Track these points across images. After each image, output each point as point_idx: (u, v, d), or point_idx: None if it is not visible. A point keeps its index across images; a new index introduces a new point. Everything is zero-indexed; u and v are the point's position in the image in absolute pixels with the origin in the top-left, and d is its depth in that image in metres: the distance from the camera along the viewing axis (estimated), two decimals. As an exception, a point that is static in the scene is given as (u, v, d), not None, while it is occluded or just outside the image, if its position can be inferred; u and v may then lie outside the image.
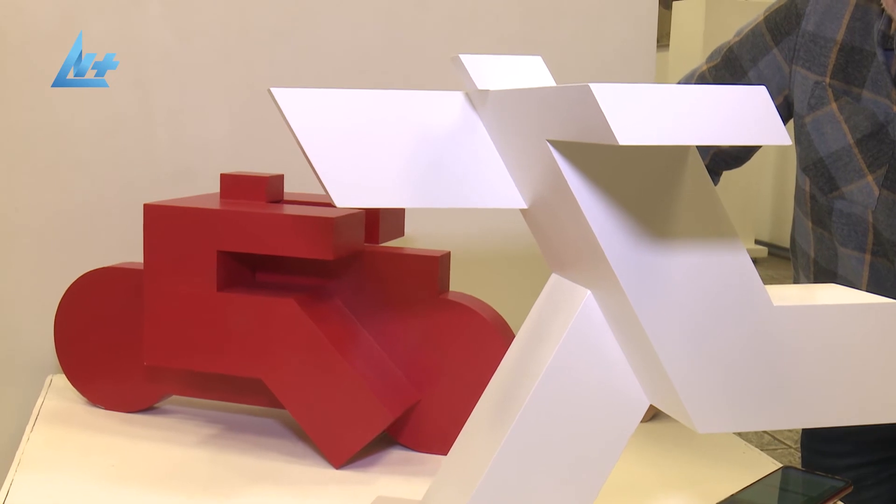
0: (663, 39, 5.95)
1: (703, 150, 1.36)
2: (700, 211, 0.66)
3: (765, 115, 0.53)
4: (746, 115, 0.53)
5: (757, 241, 6.33)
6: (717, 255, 0.66)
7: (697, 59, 5.22)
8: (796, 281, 1.43)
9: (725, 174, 1.49)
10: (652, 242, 0.65)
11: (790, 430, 2.65)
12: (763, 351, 0.69)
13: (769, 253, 6.39)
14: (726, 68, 1.35)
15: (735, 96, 0.53)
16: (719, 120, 0.53)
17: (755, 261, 5.50)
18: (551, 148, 0.63)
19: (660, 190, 0.65)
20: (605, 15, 1.55)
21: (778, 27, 1.30)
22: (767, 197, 6.79)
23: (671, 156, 0.65)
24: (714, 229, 0.66)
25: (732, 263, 0.67)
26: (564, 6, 1.53)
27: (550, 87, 0.61)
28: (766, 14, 1.32)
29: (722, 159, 1.41)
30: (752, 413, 0.71)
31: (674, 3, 5.60)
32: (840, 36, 1.25)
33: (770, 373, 0.70)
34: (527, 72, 0.75)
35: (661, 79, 5.70)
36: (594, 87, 0.51)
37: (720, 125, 0.53)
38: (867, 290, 1.27)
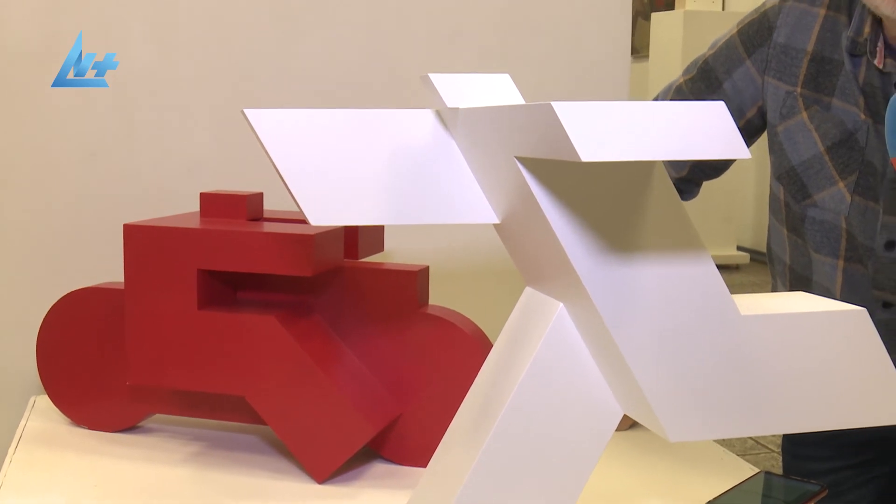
0: (643, 50, 5.98)
1: (682, 162, 1.37)
2: (667, 224, 0.66)
3: (724, 130, 0.53)
4: (706, 130, 0.53)
5: (739, 248, 6.34)
6: (685, 267, 0.67)
7: (676, 69, 5.22)
8: (774, 287, 1.44)
9: (707, 181, 1.49)
10: (620, 256, 0.66)
11: (772, 435, 2.67)
12: (732, 360, 0.70)
13: (751, 259, 6.41)
14: (702, 80, 1.37)
15: (695, 112, 0.53)
16: (679, 135, 0.53)
17: (737, 267, 5.53)
18: (519, 164, 0.64)
19: (627, 204, 0.66)
20: (581, 29, 1.56)
21: (751, 39, 1.32)
22: (749, 204, 6.80)
23: (636, 171, 0.65)
24: (681, 242, 0.67)
25: (700, 275, 0.67)
26: (541, 22, 1.54)
27: (517, 106, 0.62)
28: (740, 27, 1.34)
29: (701, 170, 1.42)
30: (723, 421, 0.71)
31: (653, 14, 5.63)
32: (810, 46, 1.26)
33: (740, 381, 0.71)
34: (496, 89, 0.76)
35: (640, 89, 5.71)
36: (556, 105, 0.51)
37: (680, 140, 0.53)
38: (841, 295, 1.28)
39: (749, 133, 1.36)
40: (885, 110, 1.02)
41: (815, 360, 0.73)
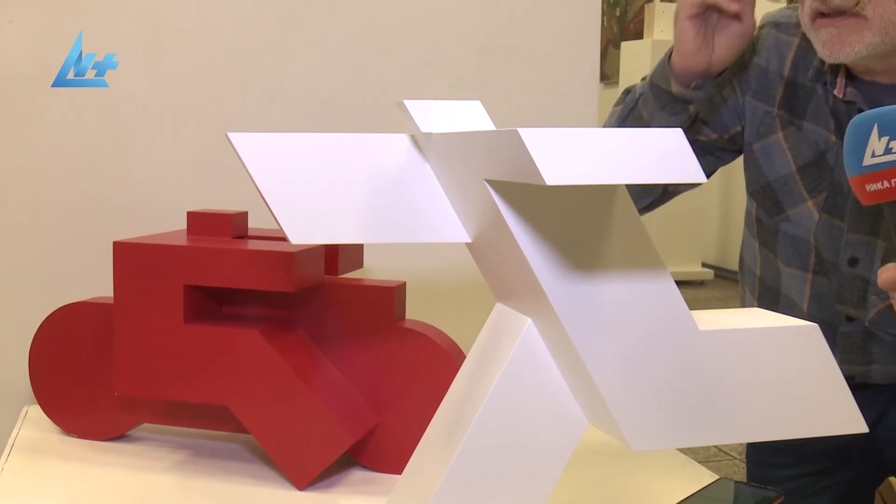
0: (614, 77, 6.01)
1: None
2: (629, 244, 0.67)
3: (681, 155, 0.54)
4: (665, 155, 0.54)
5: (704, 265, 6.37)
6: (646, 284, 0.67)
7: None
8: (743, 298, 1.45)
9: (673, 201, 1.49)
10: (585, 274, 0.66)
11: (735, 443, 2.68)
12: (691, 372, 0.70)
13: (715, 275, 6.43)
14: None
15: (654, 138, 0.54)
16: (640, 160, 0.54)
17: (702, 283, 5.55)
18: (489, 187, 0.64)
19: (591, 225, 0.66)
20: (552, 58, 1.56)
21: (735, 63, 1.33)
22: (713, 222, 6.83)
23: (600, 194, 0.66)
24: (642, 261, 0.67)
25: (660, 292, 0.68)
26: (515, 50, 1.54)
27: (486, 132, 0.62)
28: None
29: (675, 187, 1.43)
30: (683, 430, 0.72)
31: (622, 43, 5.66)
32: (786, 71, 1.28)
33: (698, 392, 0.71)
34: (467, 115, 0.76)
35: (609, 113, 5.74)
36: (522, 131, 0.52)
37: (640, 165, 0.54)
38: (808, 308, 1.29)
39: (731, 150, 1.37)
40: None
41: (771, 372, 0.73)
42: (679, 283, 0.72)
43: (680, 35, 1.19)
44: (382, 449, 1.08)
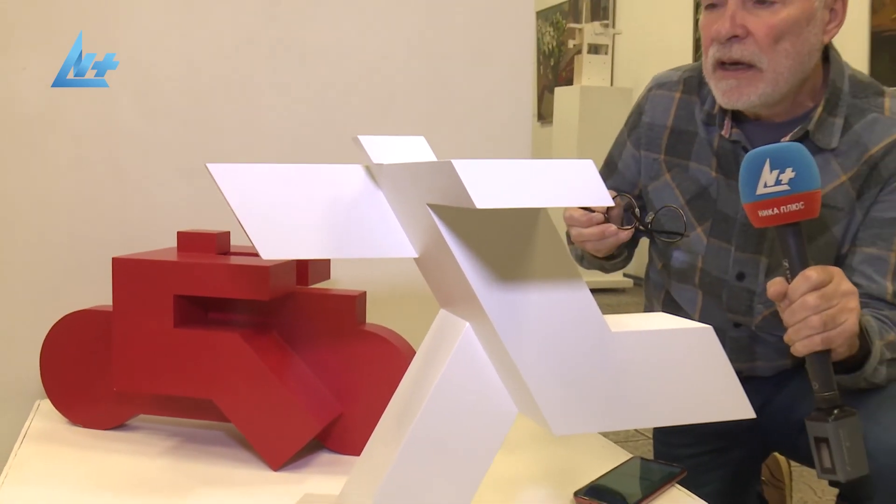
0: (549, 117, 6.05)
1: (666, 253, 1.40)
2: (550, 259, 0.67)
3: (591, 182, 0.54)
4: (577, 182, 0.54)
5: (625, 275, 6.42)
6: (565, 293, 0.67)
7: (574, 132, 5.31)
8: (649, 307, 1.45)
9: None
10: (513, 284, 0.66)
11: (651, 426, 2.69)
12: (604, 367, 0.70)
13: (634, 283, 6.48)
14: (606, 167, 1.40)
15: (568, 168, 0.54)
16: (556, 186, 0.54)
17: (623, 290, 5.59)
18: (430, 210, 0.64)
19: (517, 242, 0.66)
20: (492, 99, 1.57)
21: (629, 127, 1.36)
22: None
23: (525, 216, 0.66)
24: (562, 273, 0.67)
25: (576, 299, 0.68)
26: (459, 94, 1.55)
27: (428, 163, 0.62)
28: (626, 121, 1.38)
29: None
30: (597, 417, 0.72)
31: (556, 88, 5.72)
32: (670, 122, 1.29)
33: (610, 385, 0.71)
34: (413, 149, 0.76)
35: (546, 147, 5.77)
36: (455, 162, 0.52)
37: (556, 190, 0.54)
38: (700, 316, 1.29)
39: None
40: (737, 169, 1.04)
41: (672, 367, 0.74)
42: (604, 290, 0.73)
43: (588, 249, 1.22)
44: (345, 434, 1.07)
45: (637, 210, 1.20)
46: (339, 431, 1.07)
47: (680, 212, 1.26)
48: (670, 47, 4.85)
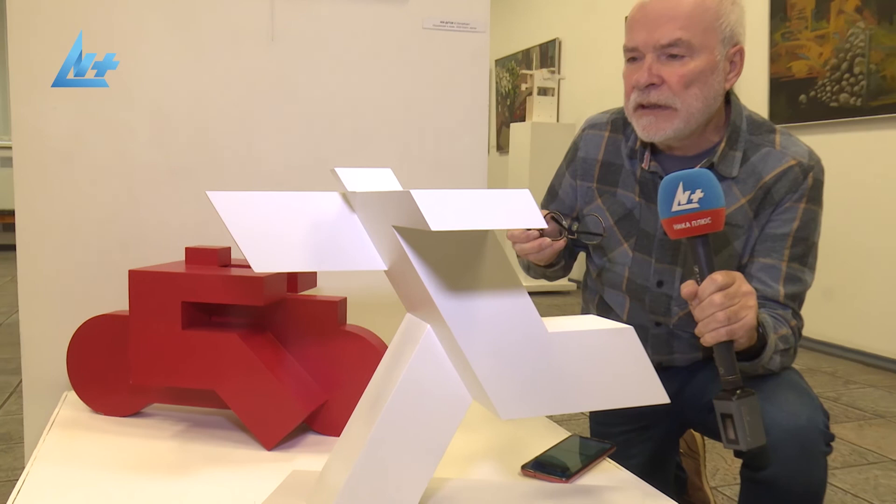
0: (506, 148, 6.07)
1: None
2: (496, 272, 0.67)
3: (527, 208, 0.54)
4: (516, 207, 0.54)
5: (569, 279, 6.45)
6: (509, 300, 0.68)
7: (527, 161, 5.33)
8: (585, 309, 1.45)
9: None
10: (465, 293, 0.66)
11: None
12: (542, 362, 0.71)
13: (577, 287, 6.51)
14: (549, 195, 1.40)
15: (509, 196, 0.54)
16: (498, 211, 0.54)
17: (568, 292, 5.60)
18: (395, 231, 0.64)
19: (469, 258, 0.66)
20: (454, 134, 1.57)
21: (567, 160, 1.36)
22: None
23: (474, 236, 0.66)
24: (506, 283, 0.68)
25: (519, 305, 0.68)
26: (429, 129, 1.55)
27: (393, 192, 0.62)
28: (565, 155, 1.38)
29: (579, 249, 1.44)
30: (537, 403, 0.72)
31: (512, 124, 5.74)
32: (600, 156, 1.30)
33: (549, 376, 0.72)
34: (381, 179, 0.76)
35: (503, 173, 5.78)
36: (413, 192, 0.52)
37: (499, 214, 0.54)
38: (627, 317, 1.30)
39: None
40: (655, 194, 1.05)
41: (599, 361, 0.74)
42: (553, 293, 0.73)
43: (531, 259, 1.22)
44: (329, 418, 1.07)
45: (564, 222, 1.20)
46: (324, 416, 1.07)
47: (599, 218, 1.27)
48: (605, 90, 4.90)
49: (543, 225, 0.54)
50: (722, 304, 0.94)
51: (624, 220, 1.26)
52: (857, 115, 3.32)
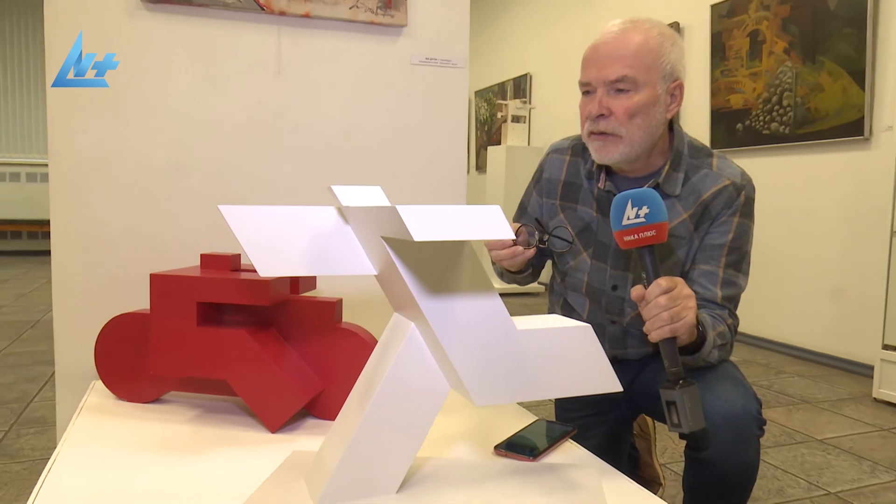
0: (485, 168, 6.08)
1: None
2: (471, 277, 0.67)
3: (497, 221, 0.54)
4: (488, 220, 0.55)
5: (539, 283, 6.46)
6: (482, 301, 0.68)
7: (502, 179, 5.34)
8: (550, 309, 1.45)
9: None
10: (444, 295, 0.66)
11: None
12: (512, 356, 0.71)
13: (545, 289, 6.52)
14: (519, 210, 1.39)
15: (481, 211, 0.55)
16: (473, 224, 0.54)
17: (537, 294, 5.61)
18: (384, 241, 0.64)
19: (448, 264, 0.66)
20: (438, 157, 1.57)
21: (534, 180, 1.35)
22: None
23: (453, 245, 0.66)
24: (480, 287, 0.68)
25: (491, 306, 0.68)
26: (415, 152, 1.55)
27: (382, 207, 0.62)
28: (533, 176, 1.37)
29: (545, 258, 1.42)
30: (508, 391, 0.72)
31: (489, 147, 5.76)
32: (562, 177, 1.30)
33: (518, 367, 0.72)
34: (371, 195, 0.76)
35: (482, 190, 5.78)
36: (399, 207, 0.52)
37: (473, 227, 0.54)
38: (587, 316, 1.29)
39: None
40: (609, 210, 1.05)
41: (562, 354, 0.74)
42: (522, 295, 0.73)
43: (505, 266, 1.21)
44: (326, 404, 1.06)
45: (536, 233, 1.20)
46: (322, 402, 1.06)
47: (568, 228, 1.27)
48: (568, 119, 4.93)
49: (512, 236, 0.54)
50: (666, 306, 0.94)
51: (583, 232, 1.27)
52: (786, 142, 3.36)
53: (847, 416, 2.44)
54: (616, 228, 0.95)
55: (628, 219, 0.94)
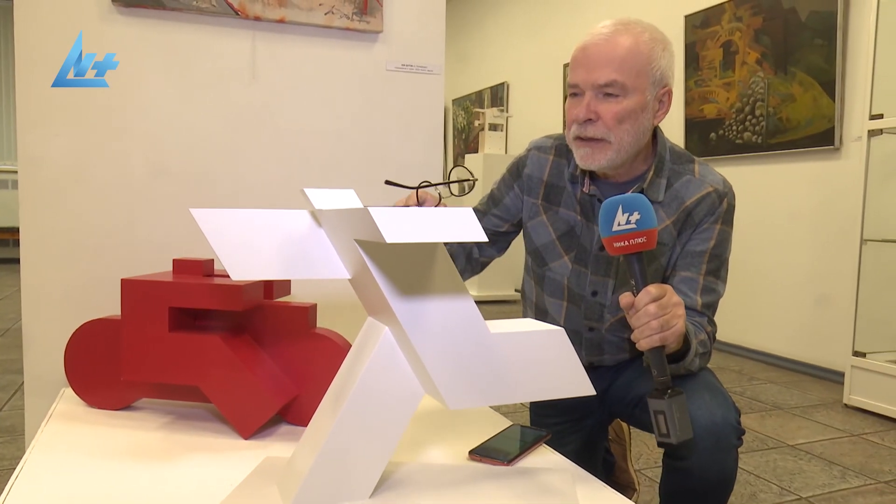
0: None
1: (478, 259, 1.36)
2: (445, 280, 0.67)
3: (470, 223, 0.55)
4: (459, 223, 0.55)
5: (515, 290, 6.46)
6: (455, 304, 0.68)
7: (480, 188, 5.36)
8: (524, 313, 1.43)
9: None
10: (417, 298, 0.66)
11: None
12: (485, 359, 0.71)
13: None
14: (491, 200, 1.36)
15: (453, 213, 0.55)
16: (444, 226, 0.54)
17: (514, 301, 5.61)
18: (357, 244, 0.64)
19: (421, 267, 0.66)
20: (414, 163, 1.58)
21: (513, 173, 1.33)
22: (520, 265, 6.93)
23: (426, 248, 0.66)
24: (453, 290, 0.68)
25: (464, 309, 0.68)
26: (391, 158, 1.55)
27: (355, 209, 0.62)
28: (508, 167, 1.35)
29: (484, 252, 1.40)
30: (482, 395, 0.72)
31: (466, 155, 5.76)
32: (545, 177, 1.28)
33: (491, 372, 0.72)
34: (345, 198, 0.76)
35: (458, 199, 5.79)
36: (371, 209, 0.52)
37: (445, 229, 0.54)
38: (565, 321, 1.28)
39: (517, 229, 1.37)
40: (594, 214, 1.03)
41: (535, 358, 0.75)
42: (498, 302, 0.73)
43: None
44: (300, 410, 1.05)
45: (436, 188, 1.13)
46: (295, 408, 1.05)
47: (467, 169, 1.20)
48: (545, 126, 4.97)
49: (485, 239, 0.54)
50: (656, 314, 0.93)
51: (566, 235, 1.25)
52: (758, 151, 3.41)
53: (818, 422, 2.47)
54: (605, 234, 0.91)
55: (619, 224, 0.91)
